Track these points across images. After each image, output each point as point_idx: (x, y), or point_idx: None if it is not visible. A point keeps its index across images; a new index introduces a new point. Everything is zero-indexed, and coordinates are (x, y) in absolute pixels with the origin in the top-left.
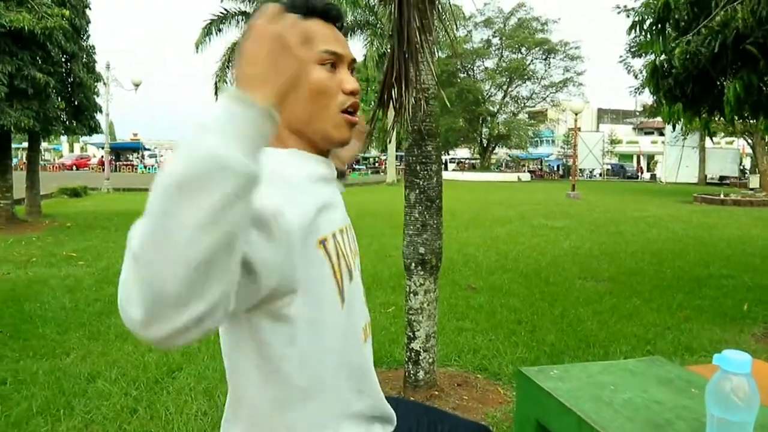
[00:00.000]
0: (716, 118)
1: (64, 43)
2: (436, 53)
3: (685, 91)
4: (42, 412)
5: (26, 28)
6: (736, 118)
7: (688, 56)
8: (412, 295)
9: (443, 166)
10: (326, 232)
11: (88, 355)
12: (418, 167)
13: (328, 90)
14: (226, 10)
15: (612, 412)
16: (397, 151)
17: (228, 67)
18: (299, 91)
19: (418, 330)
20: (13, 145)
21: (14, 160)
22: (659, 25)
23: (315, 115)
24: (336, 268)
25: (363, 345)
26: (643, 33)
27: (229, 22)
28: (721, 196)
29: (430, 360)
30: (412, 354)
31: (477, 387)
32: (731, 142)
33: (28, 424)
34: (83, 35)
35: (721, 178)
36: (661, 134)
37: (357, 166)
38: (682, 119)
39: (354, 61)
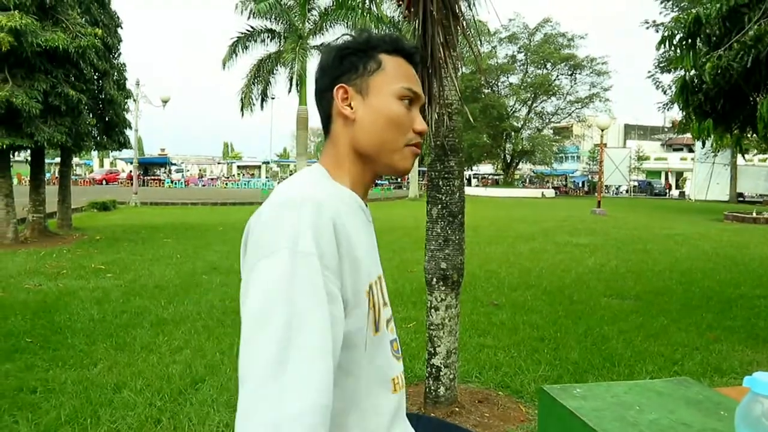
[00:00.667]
0: (749, 135)
1: (97, 61)
2: (459, 69)
3: (716, 107)
4: (70, 421)
5: (61, 47)
6: None
7: (719, 71)
8: (433, 310)
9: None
10: (370, 280)
11: (115, 365)
12: (440, 182)
13: (403, 124)
14: (252, 27)
15: None
16: (419, 166)
17: (254, 83)
18: (377, 118)
19: (439, 346)
20: (46, 161)
21: (47, 175)
22: (690, 40)
23: (385, 144)
24: (374, 316)
25: (391, 395)
26: (673, 48)
27: (255, 40)
28: (754, 215)
29: (451, 376)
30: (433, 370)
31: (498, 404)
32: (765, 160)
33: None
34: (114, 53)
35: (761, 195)
36: (691, 151)
37: (380, 181)
38: (712, 135)
39: (424, 104)
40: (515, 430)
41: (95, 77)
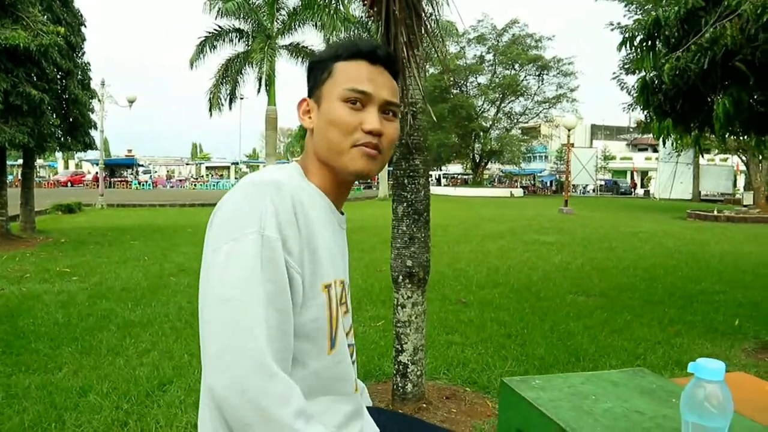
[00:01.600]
0: (707, 135)
1: (59, 60)
2: (424, 69)
3: (675, 107)
4: (33, 426)
5: (21, 45)
6: (727, 134)
7: (677, 72)
8: (399, 308)
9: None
10: (330, 276)
11: (80, 369)
12: (405, 181)
13: (345, 125)
14: (220, 27)
15: (592, 421)
16: (389, 166)
17: (222, 83)
18: (323, 123)
19: (406, 343)
20: (8, 162)
21: (9, 177)
22: (649, 42)
23: (331, 147)
24: (334, 315)
25: (352, 394)
26: (634, 49)
27: (224, 40)
28: (715, 213)
29: (418, 373)
30: (400, 367)
31: (465, 400)
32: (725, 159)
33: None
34: (78, 52)
35: (722, 194)
36: (655, 150)
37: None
38: (672, 135)
39: (390, 103)
40: (482, 424)
41: (58, 77)
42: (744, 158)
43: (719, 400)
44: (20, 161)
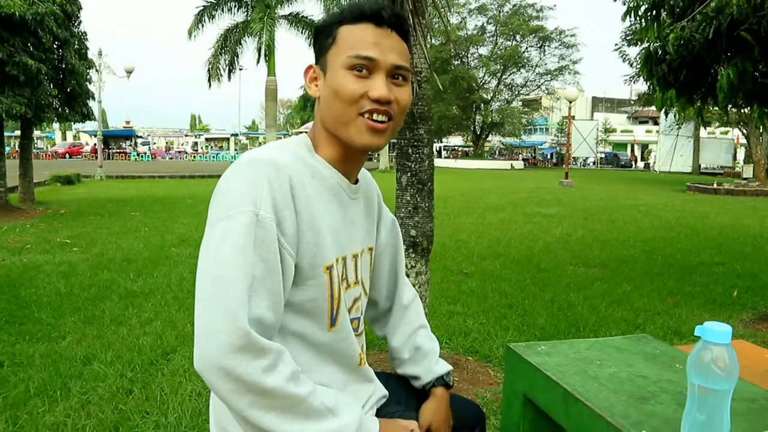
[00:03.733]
0: (710, 106)
1: (56, 29)
2: (429, 37)
3: (679, 78)
4: (39, 393)
5: (17, 14)
6: (730, 106)
7: (682, 42)
8: None
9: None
10: (332, 257)
11: (84, 338)
12: (410, 150)
13: (350, 94)
14: None
15: (597, 385)
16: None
17: (221, 54)
18: (329, 93)
19: None
20: (6, 134)
21: (7, 149)
22: (654, 11)
23: (337, 118)
24: (335, 295)
25: (357, 369)
26: (638, 19)
27: (222, 9)
28: (715, 186)
29: None
30: None
31: (468, 369)
32: (726, 132)
33: (26, 405)
34: (75, 21)
35: (722, 167)
36: (656, 123)
37: None
38: (675, 106)
39: (399, 67)
40: (484, 392)
41: (55, 46)
42: (745, 131)
43: (726, 363)
44: (18, 132)
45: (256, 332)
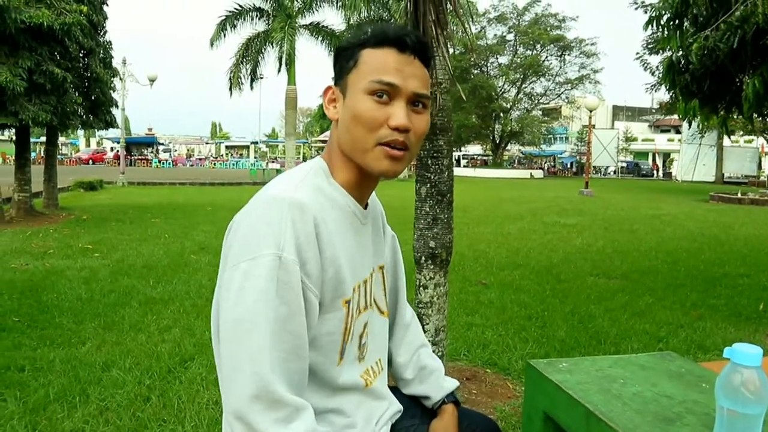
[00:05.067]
0: (734, 116)
1: (82, 38)
2: (450, 45)
3: (702, 87)
4: (59, 399)
5: (45, 24)
6: (755, 115)
7: (705, 52)
8: (422, 288)
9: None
10: (350, 289)
11: (103, 344)
12: (429, 161)
13: (369, 121)
14: (240, 6)
15: (621, 405)
16: None
17: (242, 63)
18: (347, 118)
19: (428, 324)
20: (32, 140)
21: (32, 154)
22: (677, 21)
23: (355, 144)
24: (348, 327)
25: (366, 390)
26: (661, 28)
27: (244, 18)
28: (739, 195)
29: (440, 354)
30: None
31: (486, 381)
32: (750, 141)
33: (45, 410)
34: (100, 31)
35: (746, 176)
36: (678, 132)
37: None
38: (698, 115)
39: (420, 96)
40: (502, 406)
41: (80, 55)
42: None
43: (756, 386)
44: (43, 138)
45: (278, 379)
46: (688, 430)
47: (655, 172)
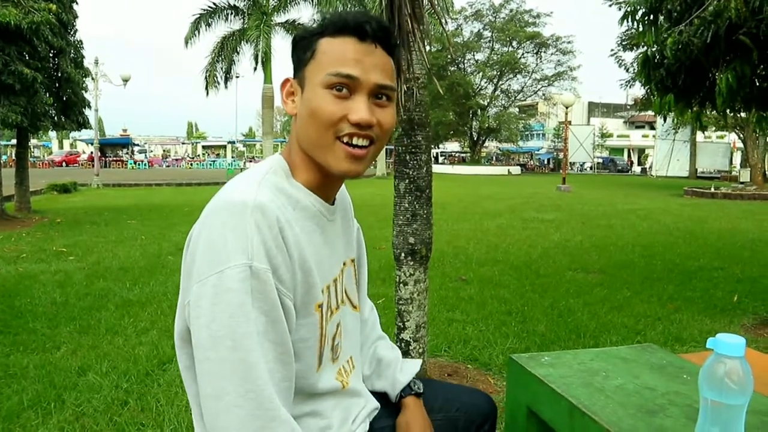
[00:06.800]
0: (708, 111)
1: (51, 38)
2: (427, 41)
3: (677, 82)
4: (33, 405)
5: (12, 22)
6: (728, 110)
7: (680, 47)
8: (401, 285)
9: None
10: (320, 292)
11: (79, 348)
12: (407, 157)
13: (328, 117)
14: (215, 4)
15: (603, 398)
16: (389, 144)
17: (218, 61)
18: (304, 113)
19: (408, 320)
20: (2, 142)
21: (3, 157)
22: (651, 16)
23: (313, 141)
24: (324, 331)
25: (342, 392)
26: (636, 23)
27: (219, 17)
28: (712, 190)
29: (420, 350)
30: (402, 344)
31: (467, 377)
32: (722, 137)
33: (19, 417)
34: (70, 30)
35: (719, 171)
36: (652, 128)
37: None
38: (673, 110)
39: (383, 87)
40: None
41: (50, 55)
42: (742, 135)
43: (740, 377)
44: (14, 141)
45: (272, 393)
46: (671, 422)
47: (630, 167)
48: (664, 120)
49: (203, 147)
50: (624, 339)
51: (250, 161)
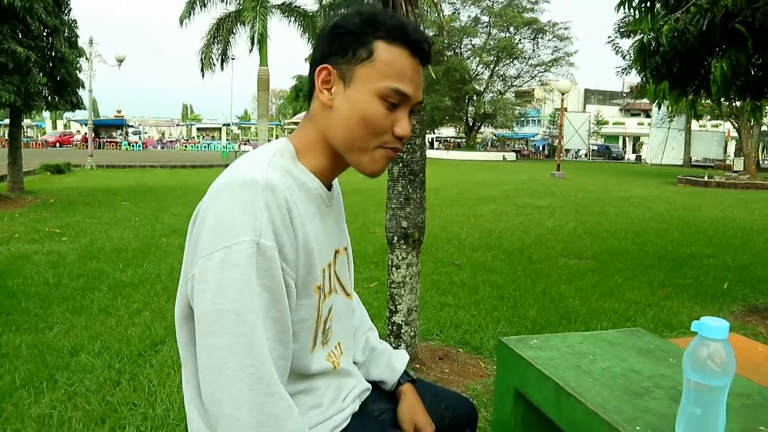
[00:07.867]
0: (703, 99)
1: (45, 16)
2: (422, 26)
3: (672, 70)
4: (25, 384)
5: (5, 1)
6: (723, 99)
7: (676, 34)
8: (394, 268)
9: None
10: (320, 275)
11: (71, 329)
12: None
13: (377, 126)
14: None
15: (590, 380)
16: None
17: (213, 43)
18: (352, 114)
19: (400, 303)
20: None
21: None
22: (648, 3)
23: (355, 143)
24: (320, 312)
25: (334, 372)
26: (632, 10)
27: None
28: (705, 178)
29: (412, 333)
30: (394, 327)
31: (458, 360)
32: (717, 125)
33: (12, 396)
34: (65, 9)
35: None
36: (648, 116)
37: None
38: (668, 98)
39: (420, 103)
40: (474, 384)
41: (44, 34)
42: (736, 124)
43: (722, 359)
44: (7, 121)
45: (271, 369)
46: (655, 403)
47: (625, 154)
48: (659, 108)
49: (198, 129)
50: (614, 325)
51: (245, 144)
